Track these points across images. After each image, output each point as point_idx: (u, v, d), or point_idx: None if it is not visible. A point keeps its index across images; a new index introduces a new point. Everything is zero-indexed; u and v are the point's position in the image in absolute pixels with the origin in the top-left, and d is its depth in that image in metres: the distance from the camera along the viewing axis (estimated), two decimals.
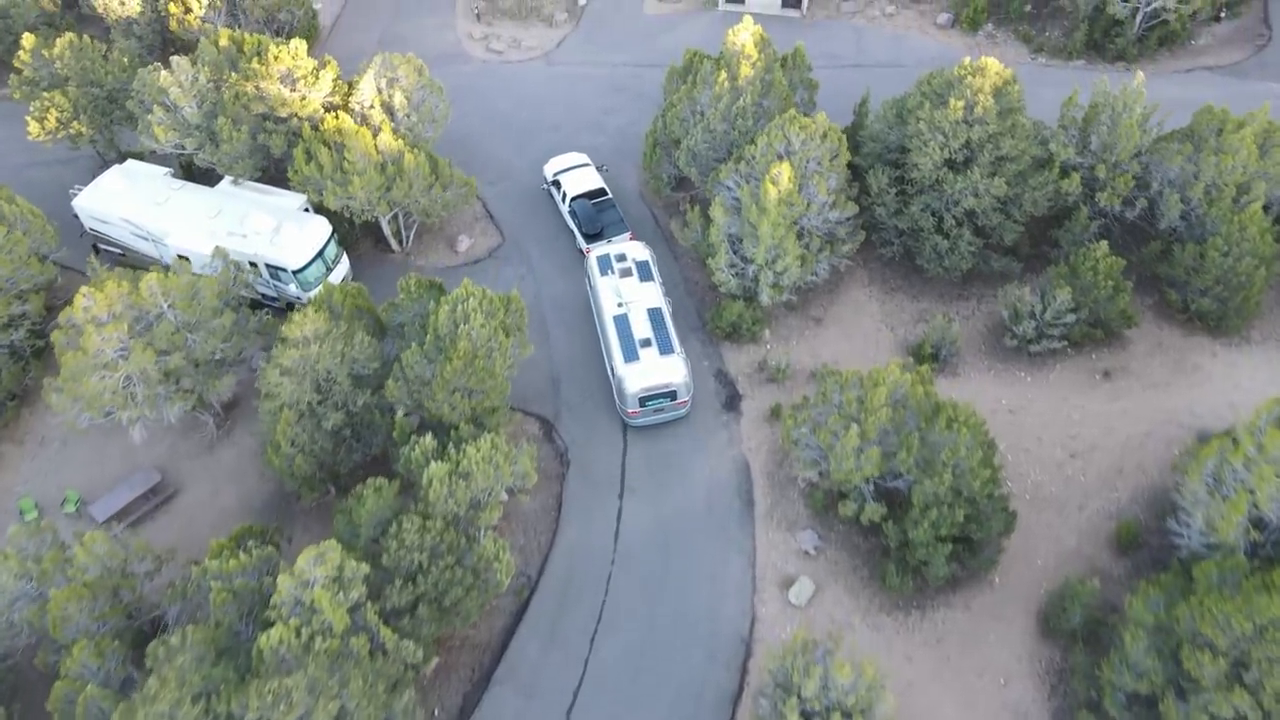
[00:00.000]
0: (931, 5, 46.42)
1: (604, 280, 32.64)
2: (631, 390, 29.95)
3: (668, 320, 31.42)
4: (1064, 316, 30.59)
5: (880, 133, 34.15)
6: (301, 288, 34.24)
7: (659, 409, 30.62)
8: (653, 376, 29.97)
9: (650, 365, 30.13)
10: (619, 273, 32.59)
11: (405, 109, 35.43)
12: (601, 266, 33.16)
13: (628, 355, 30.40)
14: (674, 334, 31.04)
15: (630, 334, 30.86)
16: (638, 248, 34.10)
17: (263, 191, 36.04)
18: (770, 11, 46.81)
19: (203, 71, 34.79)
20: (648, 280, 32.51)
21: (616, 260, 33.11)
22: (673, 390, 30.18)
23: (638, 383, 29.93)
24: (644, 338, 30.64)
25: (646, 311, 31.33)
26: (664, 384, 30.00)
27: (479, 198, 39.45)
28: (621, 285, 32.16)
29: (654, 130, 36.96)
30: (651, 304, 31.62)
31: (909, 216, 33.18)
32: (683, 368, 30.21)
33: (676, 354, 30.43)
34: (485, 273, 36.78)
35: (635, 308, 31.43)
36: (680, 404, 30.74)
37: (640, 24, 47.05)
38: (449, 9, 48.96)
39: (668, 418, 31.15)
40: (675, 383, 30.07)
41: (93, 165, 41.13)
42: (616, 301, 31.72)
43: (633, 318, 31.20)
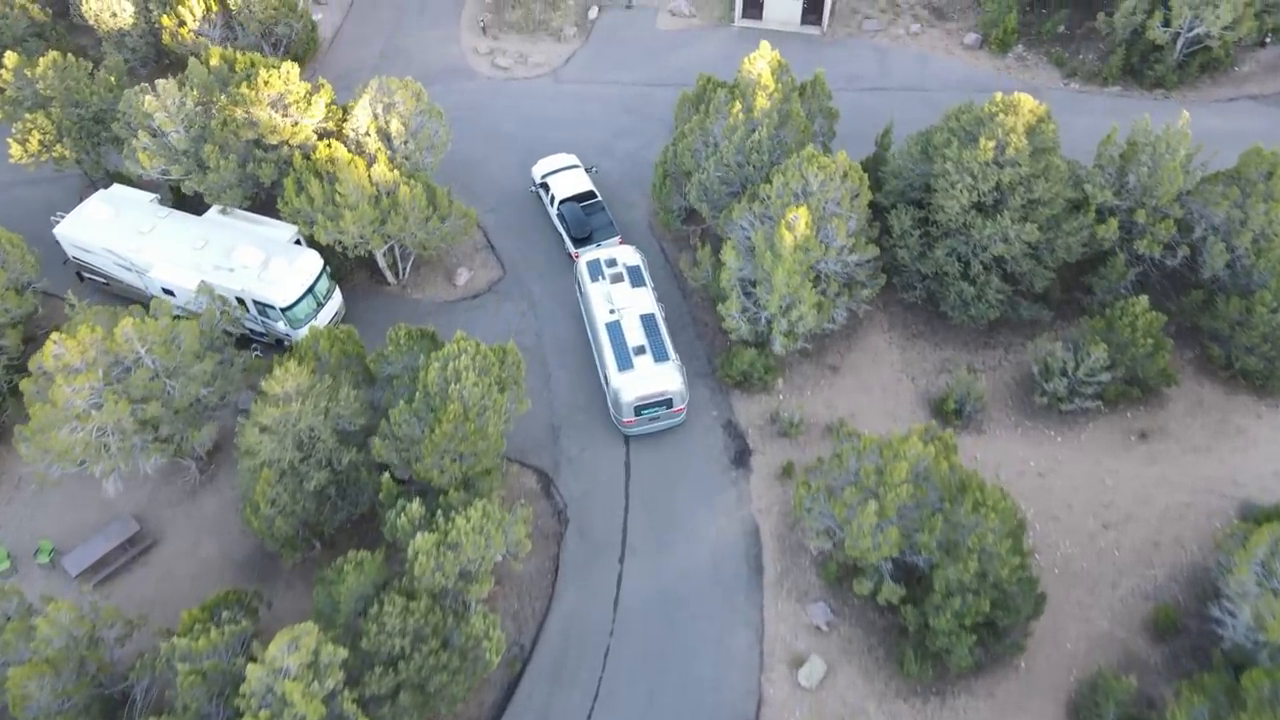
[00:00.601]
0: (958, 24, 44.22)
1: (595, 286, 31.69)
2: (626, 400, 29.21)
3: (661, 326, 30.68)
4: (1098, 375, 28.59)
5: (904, 169, 32.12)
6: (290, 325, 32.59)
7: (654, 417, 29.89)
8: (648, 385, 29.23)
9: (645, 373, 29.36)
10: (610, 278, 31.75)
11: (402, 136, 33.63)
12: (592, 272, 32.21)
13: (621, 363, 29.62)
14: (668, 340, 30.34)
15: (623, 341, 30.07)
16: (629, 252, 33.13)
17: (252, 221, 34.35)
18: (789, 28, 44.73)
19: (190, 96, 33.07)
20: (640, 285, 31.71)
21: (607, 265, 32.26)
22: (668, 398, 29.37)
23: (632, 392, 29.16)
24: (638, 345, 29.92)
25: (639, 318, 30.62)
26: (659, 392, 29.28)
27: (480, 226, 37.67)
28: (613, 291, 31.34)
29: (664, 160, 35.05)
30: (644, 310, 30.89)
31: (933, 261, 31.19)
32: (678, 375, 29.52)
33: (671, 361, 29.73)
34: (484, 308, 35.02)
35: (628, 314, 30.73)
36: (676, 411, 30.02)
37: (652, 40, 45.05)
38: (453, 21, 47.08)
39: (664, 426, 30.38)
40: (671, 390, 29.32)
41: (81, 184, 39.68)
42: (608, 308, 30.94)
43: (625, 324, 30.48)
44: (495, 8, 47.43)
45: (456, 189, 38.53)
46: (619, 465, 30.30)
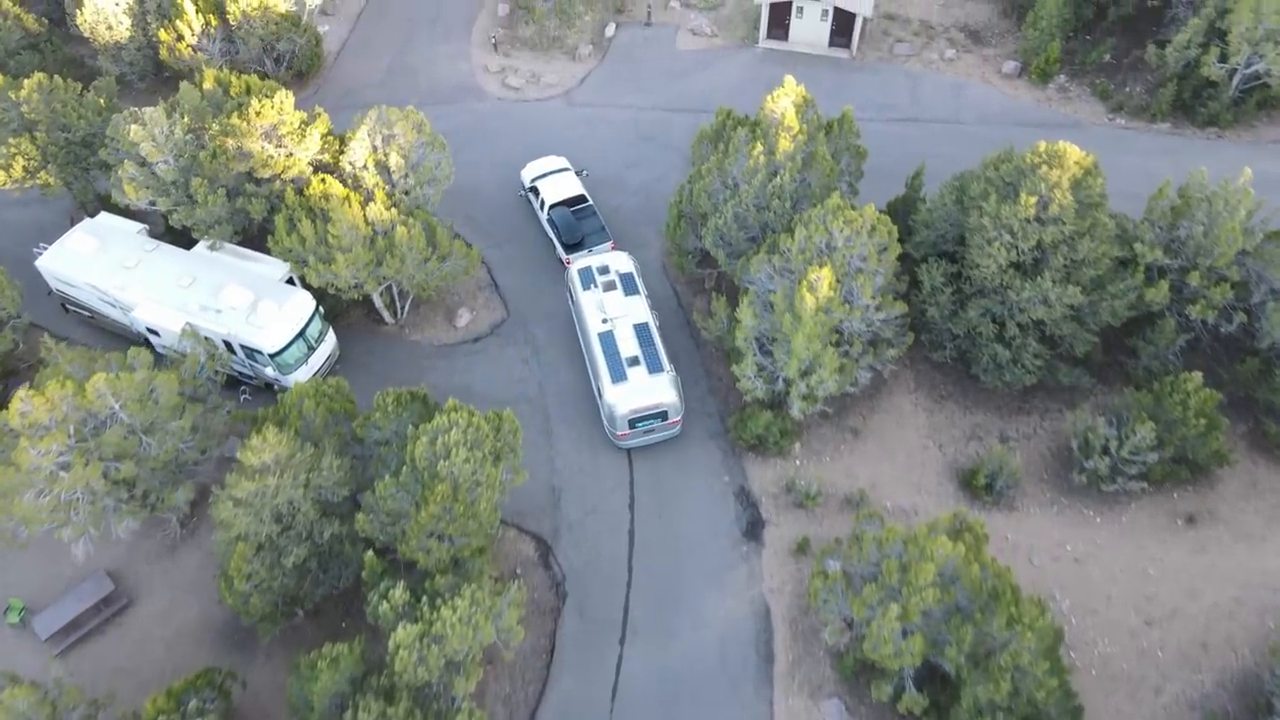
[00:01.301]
0: (996, 50, 41.70)
1: (587, 295, 30.89)
2: (620, 413, 28.45)
3: (655, 336, 29.89)
4: (1144, 454, 26.31)
5: (936, 220, 29.86)
6: (280, 371, 30.82)
7: (649, 430, 29.20)
8: (642, 397, 28.45)
9: (639, 385, 28.58)
10: (602, 286, 30.93)
11: (402, 169, 31.65)
12: (584, 280, 31.33)
13: (615, 375, 28.82)
14: (662, 350, 29.58)
15: (616, 352, 29.31)
16: (621, 258, 32.13)
17: (242, 257, 32.53)
18: (816, 51, 42.39)
19: (179, 125, 31.21)
20: (633, 294, 30.88)
21: (599, 273, 31.37)
22: (663, 410, 28.69)
23: (626, 404, 28.39)
24: (631, 356, 29.16)
25: (633, 327, 29.85)
26: (654, 405, 28.54)
27: (483, 262, 35.72)
28: (605, 300, 30.52)
29: (679, 200, 32.90)
30: (638, 319, 30.10)
31: (965, 321, 28.96)
32: (673, 387, 28.79)
33: (666, 372, 29.00)
34: (485, 353, 33.08)
35: (621, 323, 29.92)
36: (672, 424, 29.36)
37: (672, 61, 42.81)
38: (464, 36, 45.02)
39: (659, 438, 29.68)
40: (666, 403, 28.61)
41: (72, 206, 38.10)
42: (601, 317, 30.07)
43: (618, 334, 29.68)
44: (508, 23, 45.34)
45: (460, 220, 36.69)
46: (623, 534, 28.36)
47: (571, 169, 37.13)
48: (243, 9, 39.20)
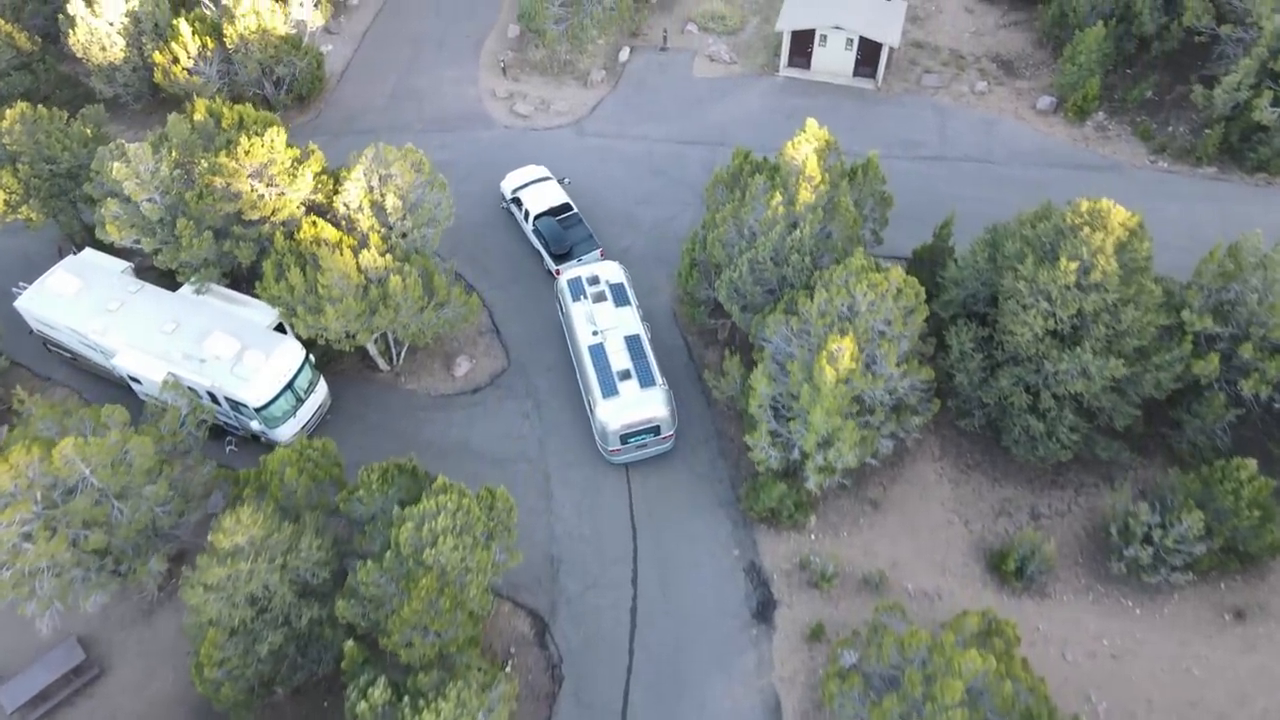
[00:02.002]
0: (1030, 84, 39.54)
1: (577, 307, 30.18)
2: (613, 428, 27.82)
3: (647, 348, 29.25)
4: (1191, 545, 24.27)
5: (967, 279, 27.86)
6: (266, 425, 29.18)
7: (642, 445, 28.62)
8: (634, 412, 27.83)
9: (631, 400, 27.95)
10: (592, 297, 30.27)
11: (399, 211, 29.89)
12: (573, 291, 30.63)
13: (606, 390, 28.21)
14: (654, 363, 28.92)
15: (608, 366, 28.66)
16: (612, 268, 31.41)
17: (229, 300, 30.89)
18: (839, 81, 40.35)
19: (166, 161, 29.57)
20: (624, 304, 30.21)
21: (589, 283, 30.71)
22: (656, 425, 28.12)
23: (618, 419, 27.76)
24: (622, 369, 28.52)
25: (624, 340, 29.20)
26: (646, 420, 27.94)
27: (485, 305, 33.95)
28: (595, 311, 29.87)
29: (691, 247, 31.04)
30: (629, 331, 29.46)
31: (996, 389, 26.96)
32: (665, 401, 28.19)
33: (658, 386, 28.40)
34: (484, 406, 31.31)
35: (612, 336, 29.26)
36: (665, 438, 28.76)
37: (687, 89, 40.86)
38: (472, 59, 43.22)
39: (652, 453, 29.05)
40: (658, 417, 28.03)
41: (60, 237, 36.54)
42: (591, 330, 29.43)
43: (609, 347, 29.03)
44: (518, 45, 43.52)
45: (461, 259, 34.97)
46: (625, 611, 26.57)
47: (553, 177, 36.01)
48: (240, 32, 37.55)
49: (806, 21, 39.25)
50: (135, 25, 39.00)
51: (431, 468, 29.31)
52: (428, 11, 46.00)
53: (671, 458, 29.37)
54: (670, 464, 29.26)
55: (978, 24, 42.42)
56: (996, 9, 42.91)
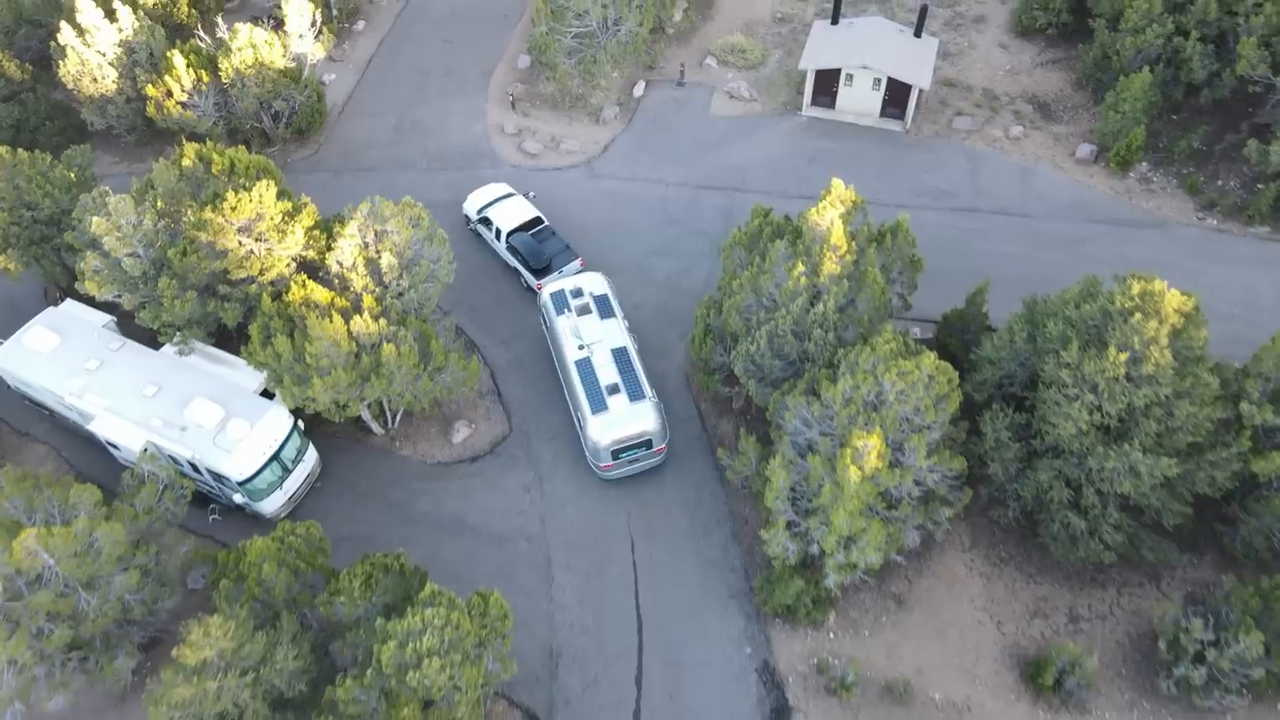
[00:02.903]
0: (1069, 128, 37.29)
1: (562, 320, 29.54)
2: (603, 444, 27.31)
3: (635, 361, 28.64)
4: (1248, 667, 22.14)
5: (1003, 358, 25.78)
6: (250, 498, 27.44)
7: (634, 459, 28.08)
8: (624, 427, 27.29)
9: (620, 414, 27.39)
10: (576, 310, 29.65)
11: (395, 271, 28.03)
12: (557, 305, 29.98)
13: (595, 405, 27.60)
14: (643, 376, 28.28)
15: (595, 380, 28.06)
16: (595, 279, 30.75)
17: (214, 360, 29.16)
18: (866, 121, 38.22)
19: (149, 214, 27.82)
20: (609, 317, 29.58)
21: (573, 296, 30.09)
22: (647, 439, 27.61)
23: (608, 435, 27.26)
24: (611, 384, 27.95)
25: (611, 353, 28.61)
26: (637, 434, 27.41)
27: (486, 364, 32.09)
28: (581, 325, 29.23)
29: (706, 312, 29.08)
30: (615, 344, 28.85)
31: (1033, 482, 24.88)
32: (655, 414, 27.65)
33: (648, 399, 27.80)
34: (483, 477, 29.45)
35: (598, 349, 28.67)
36: (656, 451, 28.21)
37: (705, 128, 38.83)
38: (480, 91, 41.33)
39: (643, 467, 28.51)
40: (649, 431, 27.50)
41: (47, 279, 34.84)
42: (577, 344, 28.80)
43: (596, 361, 28.41)
44: (528, 77, 41.59)
45: (462, 313, 33.16)
46: (628, 714, 24.65)
47: (517, 193, 35.30)
48: (235, 66, 35.77)
49: (831, 60, 37.15)
50: (129, 55, 37.33)
51: (426, 543, 27.81)
52: (435, 38, 44.16)
53: (681, 542, 27.45)
54: (679, 548, 27.35)
55: (1013, 61, 40.21)
56: (1032, 46, 40.67)
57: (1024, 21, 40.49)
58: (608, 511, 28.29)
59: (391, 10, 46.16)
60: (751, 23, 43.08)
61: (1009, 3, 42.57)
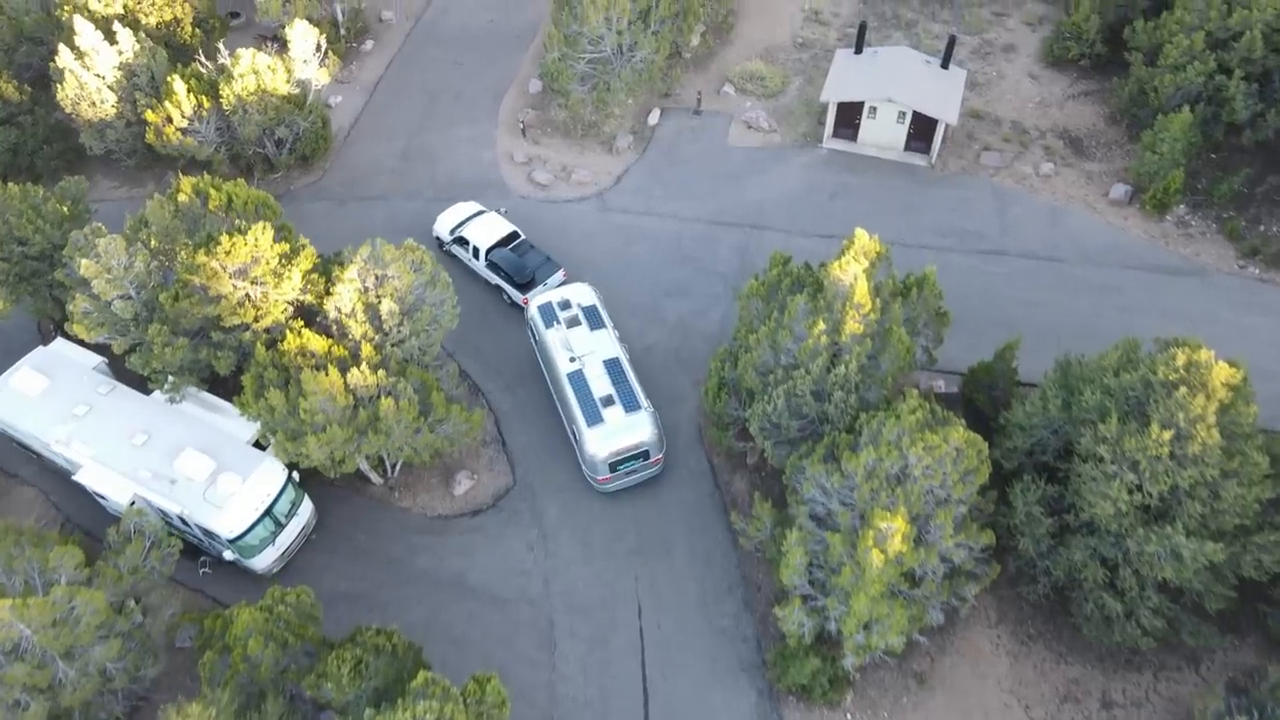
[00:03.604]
0: (1102, 166, 35.71)
1: (551, 333, 29.13)
2: (601, 457, 26.96)
3: (628, 371, 28.31)
4: None
5: (1035, 426, 24.33)
6: (241, 554, 26.30)
7: (631, 471, 27.79)
8: (621, 439, 26.97)
9: (616, 426, 27.07)
10: (565, 322, 29.25)
11: (395, 317, 26.78)
12: (546, 318, 29.55)
13: (590, 418, 27.22)
14: (637, 386, 27.97)
15: (589, 393, 27.66)
16: (583, 290, 30.37)
17: (207, 407, 28.02)
18: (889, 155, 36.75)
19: (141, 255, 26.66)
20: (599, 327, 29.22)
21: (560, 308, 29.66)
22: (644, 450, 27.30)
23: (605, 448, 26.91)
24: (605, 395, 27.59)
25: (603, 364, 28.24)
26: (634, 445, 27.09)
27: (490, 410, 30.83)
28: (571, 337, 28.82)
29: (720, 365, 27.73)
30: (607, 355, 28.50)
31: (1066, 559, 23.44)
32: (651, 424, 27.33)
33: (644, 409, 27.48)
34: (484, 533, 28.20)
35: (590, 361, 28.27)
36: (653, 462, 27.95)
37: (722, 159, 37.44)
38: (490, 116, 40.06)
39: (641, 478, 28.26)
40: (646, 441, 27.19)
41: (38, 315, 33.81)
42: (568, 356, 28.40)
43: (589, 373, 28.03)
44: (540, 102, 40.29)
45: (466, 355, 31.97)
46: None
47: (487, 210, 34.79)
48: (237, 93, 34.60)
49: (855, 92, 35.71)
50: (129, 79, 36.22)
51: (425, 604, 26.66)
52: (446, 60, 42.92)
53: (691, 609, 26.13)
54: (689, 615, 26.03)
55: (1043, 93, 38.65)
56: (1064, 76, 39.09)
57: (1055, 51, 38.92)
58: (614, 573, 27.00)
59: (401, 29, 44.96)
60: (771, 48, 41.66)
61: (1039, 31, 41.00)
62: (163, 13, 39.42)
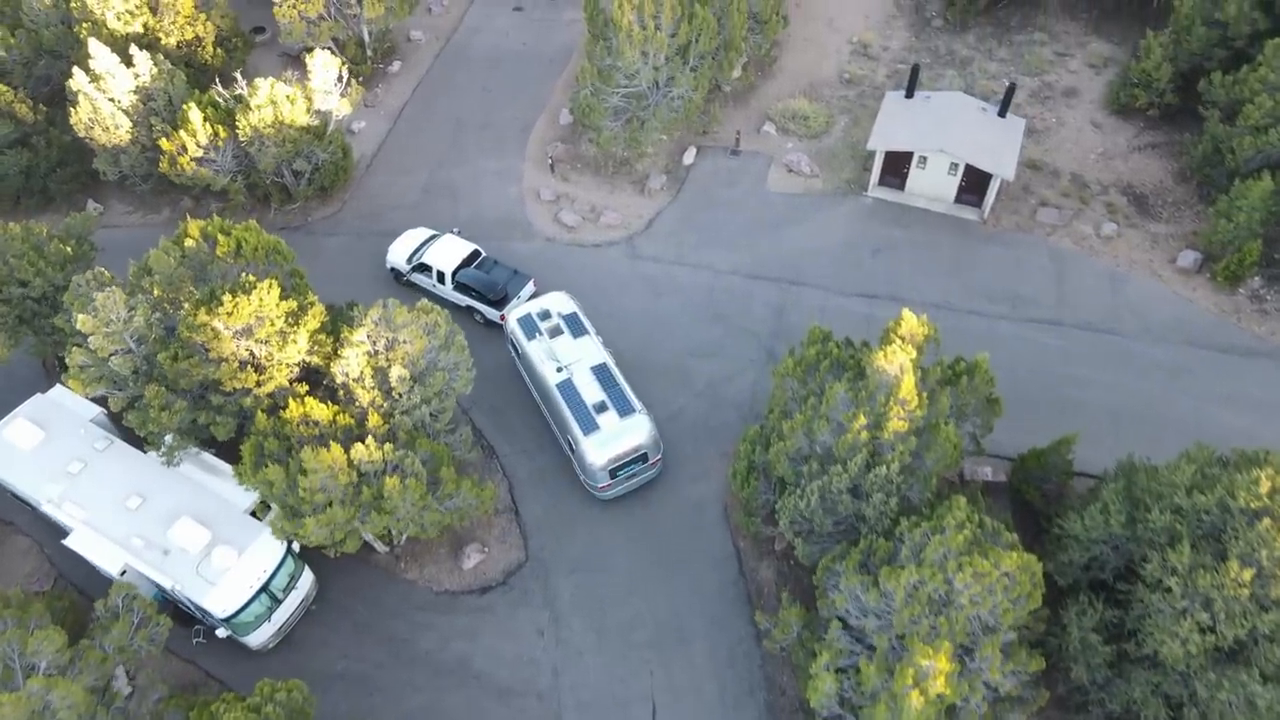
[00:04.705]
0: (1169, 228, 33.25)
1: (534, 346, 28.70)
2: (600, 464, 26.67)
3: (617, 375, 27.99)
4: None
5: (1093, 539, 22.22)
6: (234, 632, 24.86)
7: (631, 475, 27.52)
8: (618, 444, 26.71)
9: (613, 432, 26.79)
10: (547, 333, 28.86)
11: (405, 385, 25.14)
12: (527, 330, 29.09)
13: (586, 427, 26.87)
14: (628, 389, 27.69)
15: (581, 401, 27.31)
16: (560, 299, 29.92)
17: (206, 469, 26.60)
18: (938, 208, 34.53)
19: (142, 309, 25.19)
20: (581, 335, 28.84)
21: (540, 319, 29.21)
22: (643, 452, 27.13)
23: (604, 455, 26.61)
24: (597, 402, 27.25)
25: (591, 370, 27.89)
26: (633, 449, 26.87)
27: (505, 476, 29.16)
28: (555, 346, 28.48)
29: (750, 448, 25.82)
30: (594, 361, 28.16)
31: (1124, 693, 21.34)
32: (648, 426, 27.12)
33: (638, 412, 27.20)
34: (492, 613, 26.54)
35: (578, 369, 27.90)
36: (652, 464, 27.77)
37: (760, 205, 35.38)
38: (518, 149, 38.28)
39: (641, 482, 28.03)
40: (644, 444, 26.99)
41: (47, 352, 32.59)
42: (555, 366, 28.01)
43: (578, 381, 27.67)
44: (570, 135, 38.45)
45: (482, 412, 30.39)
46: None
47: (440, 233, 34.03)
48: (254, 124, 33.09)
49: (904, 141, 33.51)
50: (145, 103, 34.84)
51: (426, 691, 25.26)
52: (475, 86, 41.18)
53: (709, 712, 24.32)
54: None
55: (1106, 143, 36.16)
56: (1130, 126, 36.57)
57: (1121, 98, 36.39)
58: (629, 666, 25.27)
59: (430, 50, 43.29)
60: (816, 83, 39.47)
61: (1104, 74, 38.45)
62: (184, 31, 38.00)
